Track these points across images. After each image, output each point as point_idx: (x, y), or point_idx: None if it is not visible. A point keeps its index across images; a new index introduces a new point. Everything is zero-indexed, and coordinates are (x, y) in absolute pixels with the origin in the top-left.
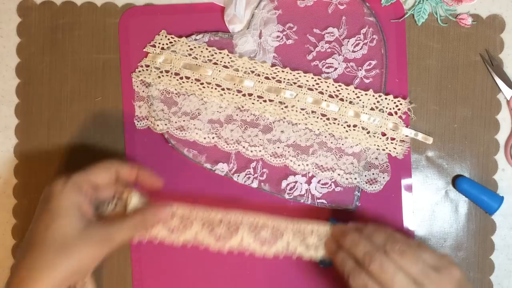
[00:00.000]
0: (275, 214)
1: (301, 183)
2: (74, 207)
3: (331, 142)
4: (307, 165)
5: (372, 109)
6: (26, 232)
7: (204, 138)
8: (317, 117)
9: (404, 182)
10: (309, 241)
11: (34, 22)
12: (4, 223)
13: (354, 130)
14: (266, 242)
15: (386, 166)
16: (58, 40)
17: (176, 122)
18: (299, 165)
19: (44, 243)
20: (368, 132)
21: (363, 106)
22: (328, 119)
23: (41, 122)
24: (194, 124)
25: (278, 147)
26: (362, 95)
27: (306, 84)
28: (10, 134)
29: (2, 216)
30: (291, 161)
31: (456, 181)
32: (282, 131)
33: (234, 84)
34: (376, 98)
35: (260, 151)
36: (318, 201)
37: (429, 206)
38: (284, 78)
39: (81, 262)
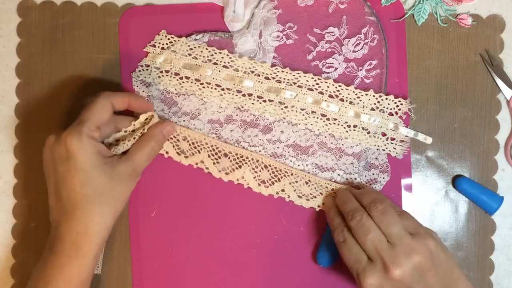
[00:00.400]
0: (272, 214)
1: None
2: (98, 157)
3: (331, 142)
4: (306, 165)
5: (372, 109)
6: (54, 194)
7: (204, 138)
8: (317, 117)
9: (404, 182)
10: (303, 190)
11: (34, 22)
12: (4, 223)
13: (354, 130)
14: (264, 183)
15: (386, 166)
16: (58, 40)
17: (176, 122)
18: (298, 165)
19: (86, 198)
20: (369, 133)
21: (364, 106)
22: (328, 119)
23: (41, 122)
24: (194, 124)
25: (278, 147)
26: (362, 95)
27: (306, 84)
28: (10, 134)
29: (2, 216)
30: (290, 161)
31: (456, 181)
32: (282, 131)
33: (234, 84)
34: (376, 99)
35: (259, 151)
36: None
37: (429, 206)
38: (284, 78)
39: (122, 200)
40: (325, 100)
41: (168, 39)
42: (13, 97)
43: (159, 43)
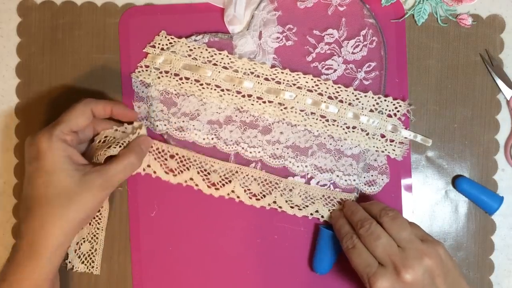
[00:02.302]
0: (273, 214)
1: None
2: (66, 160)
3: (330, 144)
4: (306, 166)
5: (371, 110)
6: (23, 193)
7: (203, 139)
8: (316, 119)
9: (404, 182)
10: (294, 200)
11: (34, 22)
12: (4, 222)
13: (353, 131)
14: (255, 196)
15: (385, 168)
16: (58, 40)
17: (175, 123)
18: (298, 166)
19: (47, 199)
20: (368, 134)
21: (363, 107)
22: (327, 120)
23: (41, 122)
24: (193, 125)
25: (277, 148)
26: (361, 96)
27: (305, 86)
28: (10, 134)
29: (2, 216)
30: (290, 162)
31: (456, 181)
32: (281, 132)
33: (234, 85)
34: (375, 100)
35: (259, 152)
36: None
37: (429, 206)
38: (284, 80)
39: (86, 209)
40: (324, 102)
41: (168, 40)
42: (13, 97)
43: (159, 43)
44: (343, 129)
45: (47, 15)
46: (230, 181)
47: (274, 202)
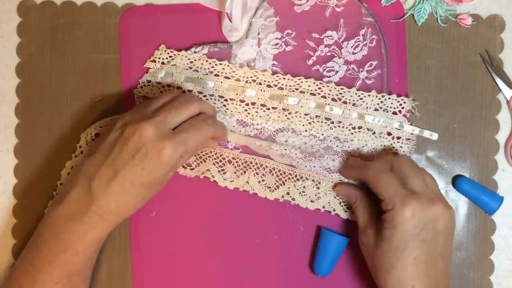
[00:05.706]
0: (273, 214)
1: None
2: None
3: (337, 146)
4: (314, 166)
5: (376, 109)
6: (102, 170)
7: None
8: (321, 122)
9: None
10: (307, 192)
11: (34, 22)
12: (4, 223)
13: (359, 132)
14: (268, 188)
15: None
16: (58, 40)
17: None
18: (305, 166)
19: (140, 197)
20: (374, 133)
21: (367, 107)
22: (332, 122)
23: (41, 122)
24: None
25: (285, 149)
26: (365, 96)
27: (308, 90)
28: (10, 134)
29: (2, 216)
30: (298, 162)
31: (456, 181)
32: (286, 140)
33: (237, 94)
34: (379, 99)
35: (266, 150)
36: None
37: None
38: (286, 85)
39: None
40: (328, 104)
41: (168, 53)
42: (13, 97)
43: (159, 58)
44: (349, 130)
45: (47, 15)
46: (244, 172)
47: (288, 193)
